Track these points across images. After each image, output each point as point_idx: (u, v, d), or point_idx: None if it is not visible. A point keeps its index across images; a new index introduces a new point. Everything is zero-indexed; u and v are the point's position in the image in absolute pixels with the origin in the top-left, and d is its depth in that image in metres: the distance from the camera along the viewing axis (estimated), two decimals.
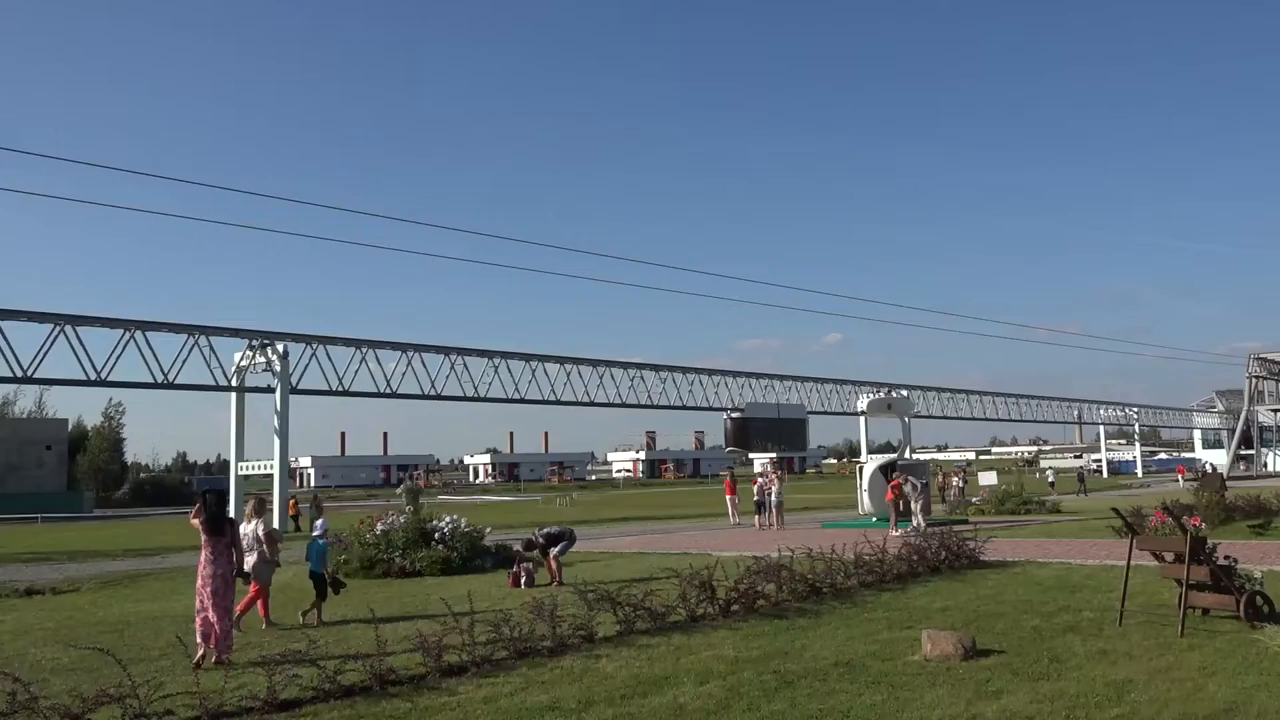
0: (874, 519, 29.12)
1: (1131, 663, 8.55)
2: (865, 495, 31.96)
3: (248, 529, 12.66)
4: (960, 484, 47.83)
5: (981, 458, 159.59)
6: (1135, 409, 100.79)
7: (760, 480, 32.38)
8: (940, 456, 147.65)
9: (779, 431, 50.66)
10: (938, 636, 9.02)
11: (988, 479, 49.70)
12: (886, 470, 30.22)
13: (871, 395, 60.81)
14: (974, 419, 76.31)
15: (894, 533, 22.73)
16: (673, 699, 7.63)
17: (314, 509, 41.55)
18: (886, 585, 13.99)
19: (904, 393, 62.86)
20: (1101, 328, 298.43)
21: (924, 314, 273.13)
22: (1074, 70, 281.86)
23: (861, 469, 33.91)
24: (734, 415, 50.38)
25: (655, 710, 7.33)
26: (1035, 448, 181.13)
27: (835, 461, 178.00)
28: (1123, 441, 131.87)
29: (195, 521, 10.36)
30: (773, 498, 30.41)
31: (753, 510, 31.72)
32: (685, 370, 55.79)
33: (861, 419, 60.93)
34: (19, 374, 34.60)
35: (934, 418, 71.14)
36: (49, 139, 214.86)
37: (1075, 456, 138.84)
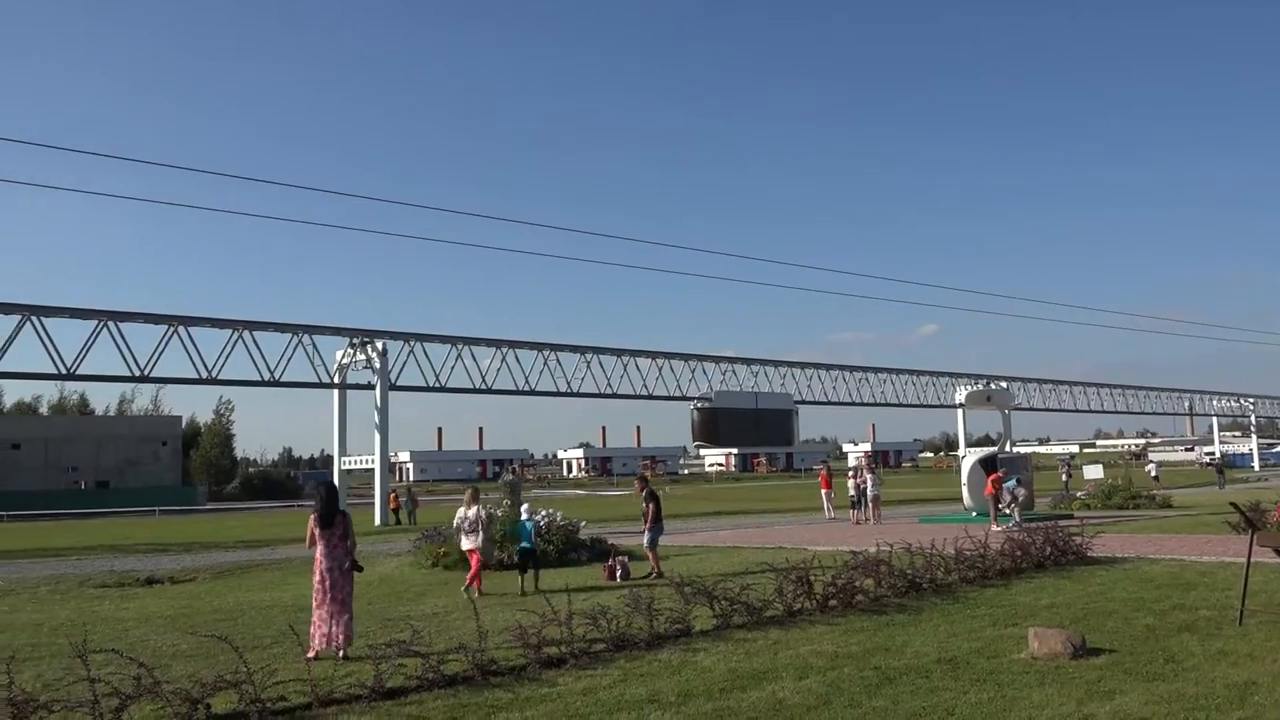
0: (974, 514, 28.47)
1: (1254, 664, 8.17)
2: (965, 490, 31.28)
3: (469, 513, 15.35)
4: (1064, 478, 46.38)
5: (1085, 451, 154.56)
6: (1251, 399, 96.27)
7: (855, 474, 31.93)
8: (1042, 450, 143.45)
9: (757, 424, 44.82)
10: (1045, 634, 8.77)
11: (1093, 472, 47.92)
12: (986, 464, 29.49)
13: (970, 387, 59.45)
14: (1077, 411, 73.91)
15: (995, 528, 22.20)
16: (772, 694, 7.58)
17: (410, 502, 42.61)
18: (989, 581, 13.66)
19: (1003, 385, 61.29)
20: (1219, 315, 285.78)
21: (1024, 303, 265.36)
22: (1178, 60, 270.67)
23: (960, 463, 33.19)
24: (701, 405, 44.79)
25: (755, 705, 7.29)
26: (1143, 440, 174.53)
27: (932, 455, 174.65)
28: (1237, 434, 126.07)
29: (312, 519, 10.37)
30: (869, 491, 29.96)
31: (848, 504, 31.31)
32: (778, 364, 55.38)
33: (959, 412, 59.68)
34: (137, 373, 36.20)
35: (1035, 410, 69.18)
36: (158, 147, 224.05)
37: (1186, 449, 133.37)
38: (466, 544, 15.42)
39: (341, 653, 9.59)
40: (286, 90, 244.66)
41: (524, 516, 16.79)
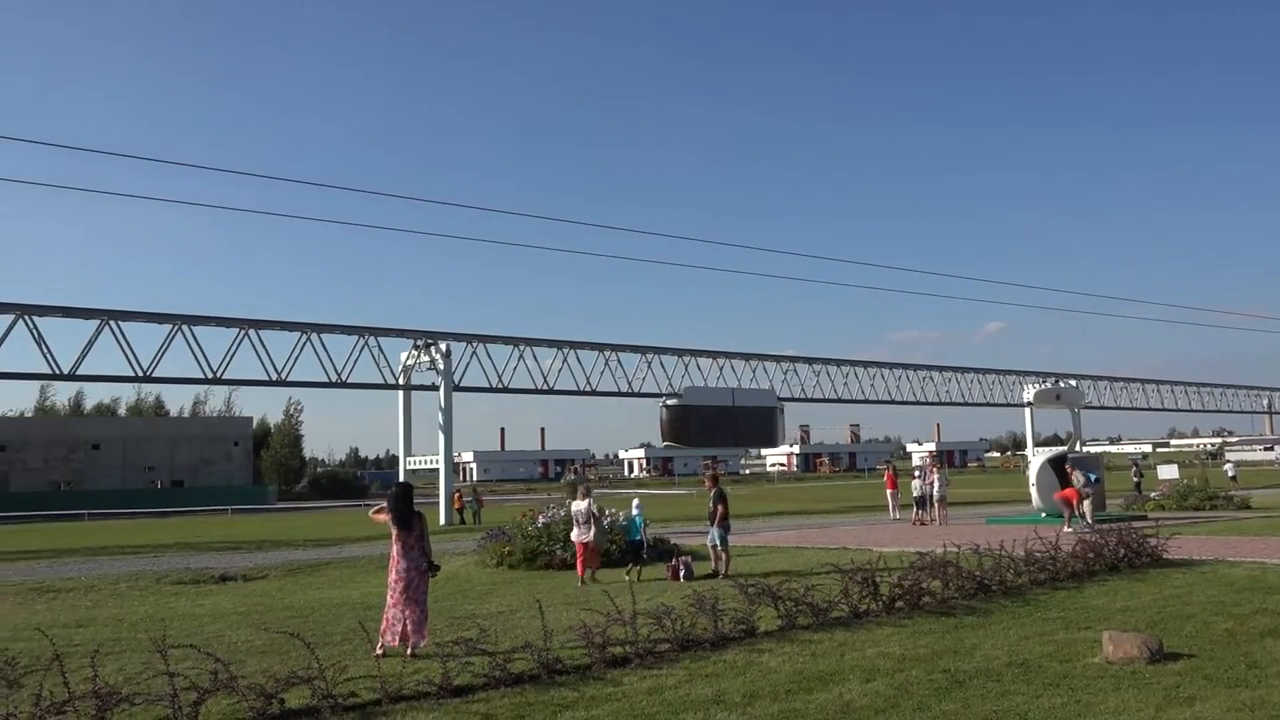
0: (1043, 515, 27.92)
1: None
2: (1033, 490, 30.69)
3: (580, 506, 16.89)
4: (1136, 478, 45.16)
5: (1159, 450, 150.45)
6: None
7: (920, 474, 31.48)
8: (1113, 449, 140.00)
9: (734, 423, 44.53)
10: (1120, 638, 8.56)
11: (1168, 473, 46.52)
12: (1056, 464, 28.89)
13: (1037, 386, 58.32)
14: (1149, 409, 71.96)
15: (1067, 529, 21.74)
16: (839, 696, 7.51)
17: (474, 502, 43.08)
18: (1060, 584, 13.38)
19: (1073, 383, 60.02)
20: None
21: (1093, 299, 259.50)
22: (1244, 63, 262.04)
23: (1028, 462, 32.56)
24: (670, 403, 44.21)
25: (821, 707, 7.23)
26: (1219, 439, 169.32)
27: (998, 455, 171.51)
28: None
29: (379, 517, 10.49)
30: (935, 491, 29.53)
31: (912, 505, 30.88)
32: (839, 363, 54.84)
33: (1027, 410, 58.72)
34: (210, 375, 37.12)
35: (1106, 409, 67.50)
36: (222, 154, 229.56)
37: (1265, 449, 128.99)
38: (577, 535, 16.73)
39: (411, 651, 9.71)
40: (350, 92, 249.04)
41: (635, 512, 18.03)
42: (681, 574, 16.20)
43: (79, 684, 7.18)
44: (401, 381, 42.26)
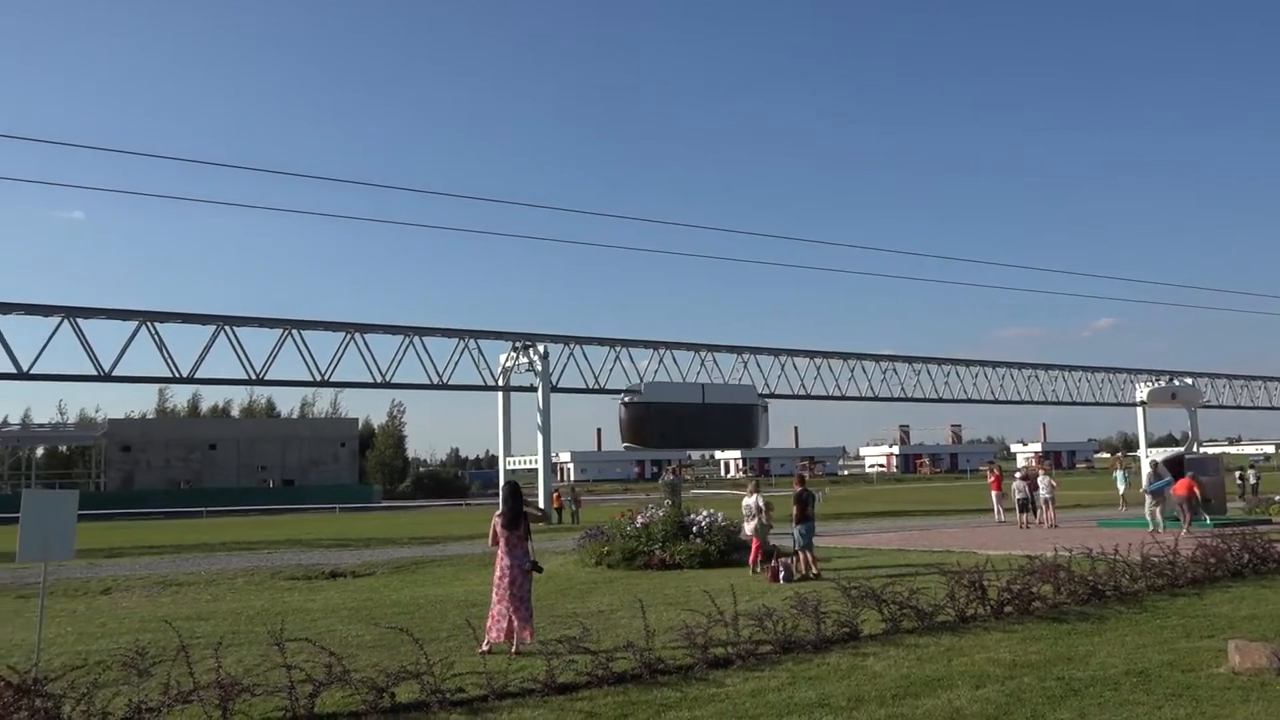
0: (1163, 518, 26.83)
1: None
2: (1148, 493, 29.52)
3: (750, 501, 17.76)
4: (1252, 479, 43.01)
5: None
6: None
7: (1025, 475, 30.53)
8: (1232, 450, 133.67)
9: (705, 422, 41.48)
10: (1247, 647, 8.16)
11: None
12: (1172, 465, 27.77)
13: (1151, 384, 56.12)
14: (1273, 408, 68.48)
15: (1183, 533, 20.88)
16: (947, 702, 7.35)
17: (573, 501, 43.51)
18: (1179, 590, 12.85)
19: (1189, 381, 57.55)
20: None
21: (1211, 294, 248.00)
22: None
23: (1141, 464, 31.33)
24: (629, 400, 41.97)
25: (929, 713, 7.08)
26: None
27: (1108, 456, 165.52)
28: None
29: (497, 520, 10.51)
30: (1042, 493, 28.64)
31: (1017, 507, 29.93)
32: (940, 361, 53.65)
33: (1139, 410, 56.53)
34: (317, 378, 38.34)
35: (1225, 408, 64.49)
36: (345, 164, 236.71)
37: None
38: (748, 529, 17.52)
39: (516, 648, 9.86)
40: (447, 95, 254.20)
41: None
42: (781, 575, 16.07)
43: (203, 675, 7.49)
44: (501, 383, 42.93)
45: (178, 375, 35.90)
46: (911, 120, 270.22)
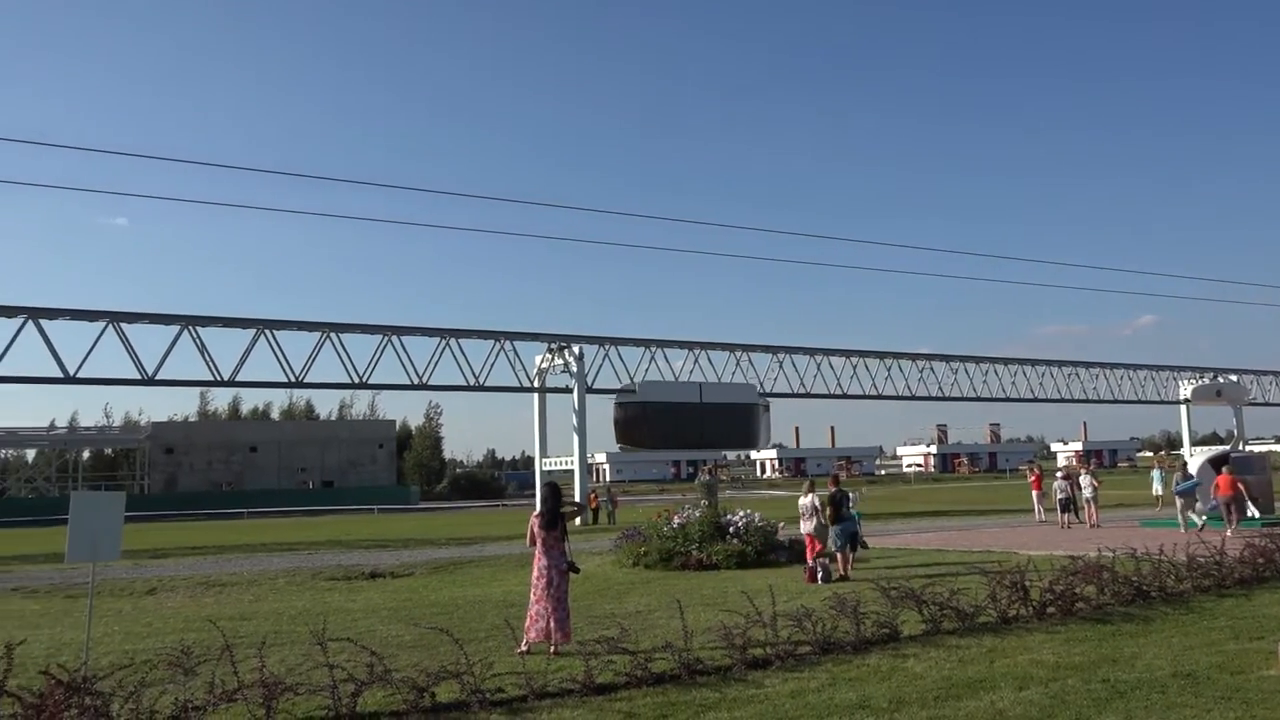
0: (1203, 517, 26.40)
1: None
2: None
3: (805, 500, 17.75)
4: None
5: None
6: None
7: (1066, 474, 30.15)
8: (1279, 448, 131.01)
9: (702, 422, 40.77)
10: None
11: None
12: (1217, 464, 27.30)
13: (1195, 381, 55.20)
14: None
15: (1228, 532, 20.54)
16: (990, 704, 7.27)
17: (609, 502, 43.60)
18: (1226, 591, 12.63)
19: (1234, 378, 56.53)
20: None
21: (1259, 289, 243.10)
22: None
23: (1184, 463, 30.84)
24: (622, 400, 41.28)
25: (972, 715, 7.01)
26: None
27: (1150, 454, 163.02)
28: None
29: (535, 522, 10.56)
30: (1085, 492, 28.26)
31: (1057, 507, 29.55)
32: (978, 360, 53.15)
33: (1183, 408, 55.61)
34: (356, 381, 38.73)
35: (1272, 405, 63.28)
36: (381, 168, 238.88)
37: None
38: (805, 527, 17.55)
39: (554, 648, 9.89)
40: (478, 93, 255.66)
41: (853, 506, 18.94)
42: (820, 576, 16.00)
43: (247, 674, 7.58)
44: (536, 384, 43.11)
45: (219, 378, 36.43)
46: (952, 119, 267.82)
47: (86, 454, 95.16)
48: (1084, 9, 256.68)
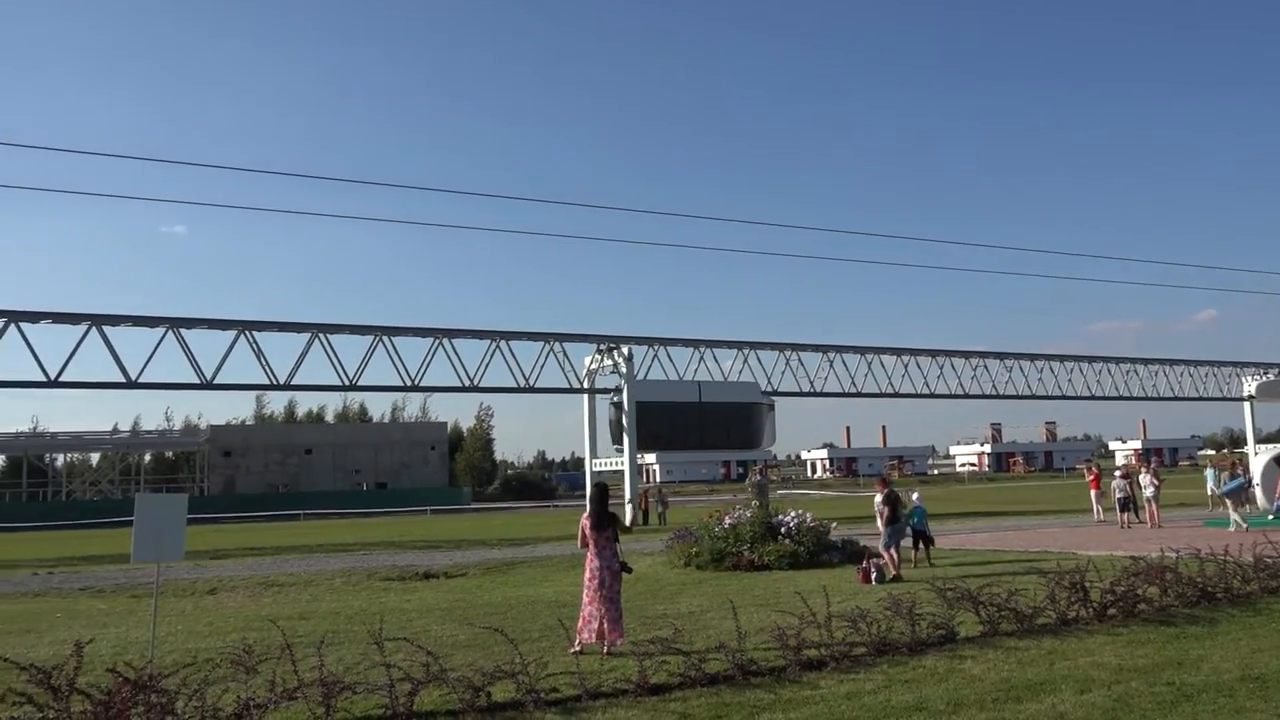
0: (1270, 516, 25.76)
1: None
2: (1257, 491, 28.41)
3: (879, 499, 18.26)
4: None
5: None
6: None
7: (1125, 473, 29.52)
8: None
9: (701, 422, 39.94)
10: None
11: None
12: None
13: (1260, 377, 53.82)
14: None
15: None
16: (1051, 706, 7.15)
17: (660, 502, 43.59)
18: None
19: None
20: None
21: None
22: None
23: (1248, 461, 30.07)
24: (617, 400, 40.28)
25: (1032, 718, 6.90)
26: None
27: (1212, 453, 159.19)
28: None
29: (585, 522, 10.59)
30: (1146, 491, 27.67)
31: (1116, 507, 28.96)
32: (1033, 357, 52.28)
33: (1246, 405, 54.21)
34: (408, 383, 39.16)
35: None
36: (425, 171, 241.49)
37: None
38: (881, 525, 17.90)
39: (607, 649, 9.91)
40: (530, 95, 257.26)
41: (916, 503, 19.69)
42: (873, 577, 15.85)
43: (306, 672, 7.70)
44: (586, 385, 43.23)
45: (275, 382, 37.03)
46: (1004, 120, 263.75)
47: (148, 457, 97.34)
48: (1116, 12, 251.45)
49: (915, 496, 20.33)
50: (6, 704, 6.88)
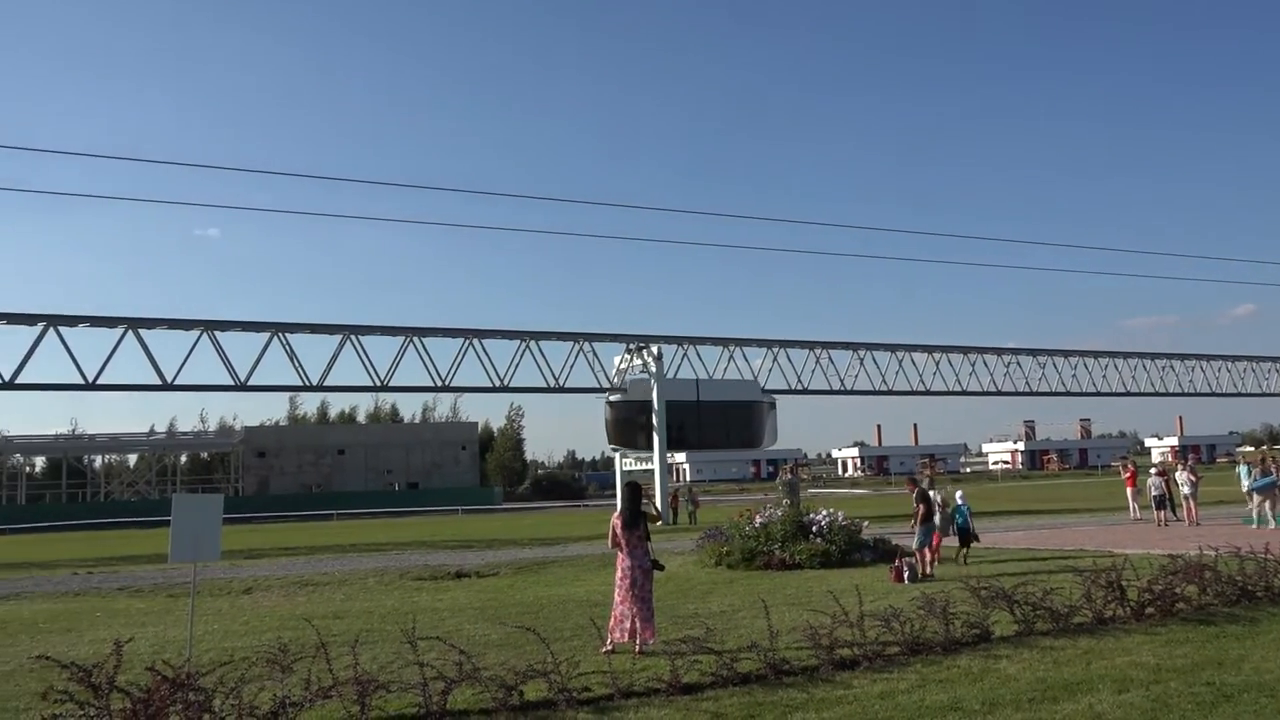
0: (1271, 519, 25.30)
1: None
2: None
3: (937, 496, 18.85)
4: None
5: None
6: None
7: (1161, 471, 29.12)
8: None
9: (700, 422, 39.61)
10: None
11: None
12: None
13: None
14: None
15: None
16: (1088, 707, 7.06)
17: (690, 502, 43.57)
18: None
19: None
20: None
21: None
22: None
23: None
24: (613, 399, 40.33)
25: (1069, 718, 6.82)
26: None
27: (1251, 449, 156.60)
28: None
29: (616, 521, 10.57)
30: (1184, 489, 27.29)
31: (1151, 504, 28.55)
32: (1066, 354, 51.77)
33: None
34: (439, 384, 39.42)
35: None
36: (451, 171, 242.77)
37: None
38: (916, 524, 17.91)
39: (639, 648, 9.91)
40: (558, 94, 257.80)
41: (959, 501, 19.72)
42: (906, 575, 15.75)
43: (341, 671, 7.77)
44: (616, 385, 43.29)
45: (308, 383, 37.42)
46: (1038, 114, 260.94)
47: (184, 458, 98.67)
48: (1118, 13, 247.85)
49: (959, 495, 20.23)
50: (49, 701, 6.99)
